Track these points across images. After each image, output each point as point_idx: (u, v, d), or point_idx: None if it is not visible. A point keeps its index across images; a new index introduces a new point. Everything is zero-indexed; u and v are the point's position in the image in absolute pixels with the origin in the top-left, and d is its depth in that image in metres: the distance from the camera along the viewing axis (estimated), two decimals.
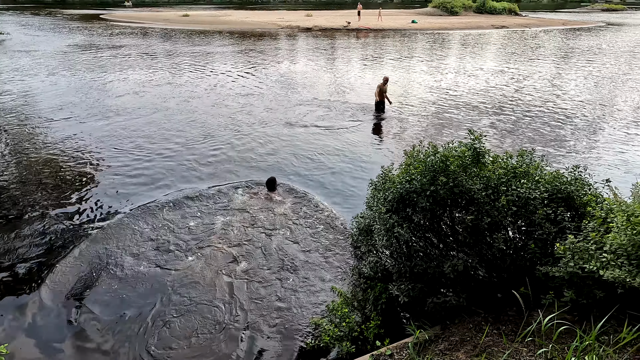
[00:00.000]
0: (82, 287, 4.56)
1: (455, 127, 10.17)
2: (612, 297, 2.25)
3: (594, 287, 2.31)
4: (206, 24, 35.61)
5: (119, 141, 9.07)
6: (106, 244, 5.37)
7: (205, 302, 4.49)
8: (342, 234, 5.20)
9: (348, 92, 13.72)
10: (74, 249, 5.22)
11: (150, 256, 5.12)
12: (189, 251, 5.27)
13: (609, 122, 10.66)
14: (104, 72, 16.36)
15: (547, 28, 35.04)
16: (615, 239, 2.24)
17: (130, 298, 4.40)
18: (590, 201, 2.85)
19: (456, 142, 3.03)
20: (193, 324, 4.15)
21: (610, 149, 8.81)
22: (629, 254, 2.16)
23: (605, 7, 61.94)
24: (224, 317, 4.28)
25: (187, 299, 4.47)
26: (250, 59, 19.89)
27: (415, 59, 20.14)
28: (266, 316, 4.32)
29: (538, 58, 20.53)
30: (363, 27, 33.20)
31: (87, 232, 5.59)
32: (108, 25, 35.80)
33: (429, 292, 3.08)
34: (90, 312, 4.19)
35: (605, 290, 2.27)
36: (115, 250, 5.25)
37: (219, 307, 4.43)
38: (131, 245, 5.36)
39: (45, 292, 4.46)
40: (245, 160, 8.18)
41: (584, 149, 8.81)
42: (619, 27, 36.42)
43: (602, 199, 2.93)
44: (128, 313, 4.17)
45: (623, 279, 2.04)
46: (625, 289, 2.09)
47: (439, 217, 3.04)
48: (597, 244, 2.36)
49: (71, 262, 4.99)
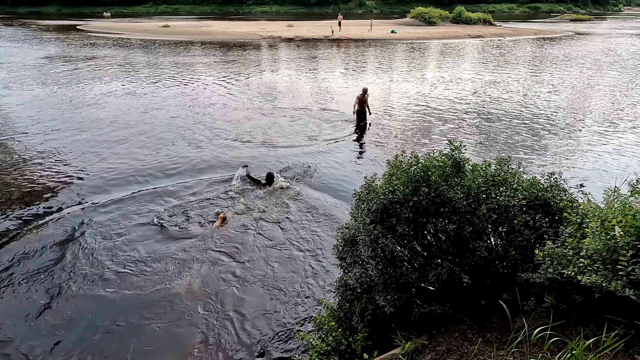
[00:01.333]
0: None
1: (436, 134, 10.39)
2: (591, 301, 2.31)
3: (572, 292, 2.37)
4: (187, 35, 35.45)
5: (92, 155, 8.85)
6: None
7: (187, 311, 4.38)
8: (325, 243, 5.19)
9: (330, 101, 13.85)
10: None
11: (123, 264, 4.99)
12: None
13: (581, 127, 11.12)
14: (78, 85, 16.01)
15: (520, 37, 36.50)
16: (590, 244, 2.30)
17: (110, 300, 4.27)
18: (567, 207, 2.94)
19: (437, 152, 3.08)
20: (177, 332, 4.04)
21: (584, 153, 9.17)
22: (604, 258, 2.22)
23: (573, 18, 65.17)
24: (205, 330, 4.18)
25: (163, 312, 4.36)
26: (231, 69, 19.85)
27: (395, 68, 20.56)
28: (251, 332, 4.24)
29: (513, 66, 21.31)
30: (344, 37, 33.73)
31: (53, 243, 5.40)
32: (85, 36, 35.16)
33: (415, 302, 3.08)
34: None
35: (583, 294, 2.33)
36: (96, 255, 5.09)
37: (198, 315, 4.33)
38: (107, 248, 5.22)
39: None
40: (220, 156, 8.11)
41: (559, 153, 9.13)
42: (586, 36, 38.29)
43: (577, 204, 3.03)
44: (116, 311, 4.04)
45: (599, 284, 2.10)
46: (602, 294, 2.15)
47: (423, 227, 3.07)
48: (575, 250, 2.42)
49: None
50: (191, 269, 5.08)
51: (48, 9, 79.19)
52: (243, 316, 4.39)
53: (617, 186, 2.94)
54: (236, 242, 5.70)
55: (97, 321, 4.24)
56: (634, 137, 10.09)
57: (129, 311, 4.40)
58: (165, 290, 4.72)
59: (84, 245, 5.49)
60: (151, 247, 5.50)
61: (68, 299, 4.52)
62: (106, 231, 5.84)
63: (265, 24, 44.26)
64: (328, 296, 4.24)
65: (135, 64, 20.83)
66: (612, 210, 2.50)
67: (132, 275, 4.93)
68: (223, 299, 4.61)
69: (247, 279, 4.94)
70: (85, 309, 4.40)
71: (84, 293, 4.62)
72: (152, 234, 5.83)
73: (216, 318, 4.33)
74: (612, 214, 2.42)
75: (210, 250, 5.48)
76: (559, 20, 61.71)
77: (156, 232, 5.86)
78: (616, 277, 2.12)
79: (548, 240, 2.63)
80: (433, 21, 44.16)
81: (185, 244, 5.62)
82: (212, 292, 4.69)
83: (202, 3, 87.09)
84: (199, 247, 5.57)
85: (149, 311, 4.39)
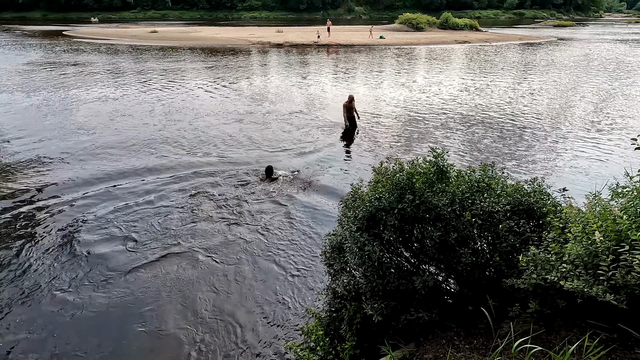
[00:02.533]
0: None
1: (425, 139, 10.48)
2: (574, 306, 2.32)
3: (556, 297, 2.38)
4: (175, 40, 35.27)
5: (77, 163, 8.69)
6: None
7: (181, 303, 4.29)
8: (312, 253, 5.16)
9: (319, 107, 13.89)
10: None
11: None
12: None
13: (565, 131, 11.34)
14: (63, 90, 15.75)
15: (505, 43, 37.26)
16: (572, 249, 2.32)
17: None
18: (550, 211, 2.97)
19: (421, 159, 3.10)
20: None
21: (567, 157, 9.34)
22: (585, 263, 2.24)
23: (556, 24, 66.88)
24: (186, 339, 4.10)
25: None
26: (220, 74, 19.78)
27: (384, 74, 20.75)
28: (236, 342, 4.17)
29: (499, 71, 21.70)
30: (333, 43, 33.97)
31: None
32: (71, 42, 34.70)
33: (402, 309, 3.07)
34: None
35: (567, 299, 2.35)
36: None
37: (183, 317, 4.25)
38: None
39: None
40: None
41: (543, 157, 9.29)
42: (569, 41, 39.29)
43: (560, 209, 3.06)
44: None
45: (582, 289, 2.11)
46: (584, 299, 2.16)
47: (409, 234, 3.07)
48: (558, 255, 2.44)
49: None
50: (168, 278, 4.99)
51: (33, 14, 78.01)
52: (228, 326, 4.32)
53: (599, 190, 2.98)
54: (220, 248, 5.64)
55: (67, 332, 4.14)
56: (614, 141, 10.33)
57: (110, 322, 4.29)
58: (147, 297, 4.62)
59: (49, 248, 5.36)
60: (123, 258, 5.40)
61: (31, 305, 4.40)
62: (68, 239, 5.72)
63: (255, 30, 44.32)
64: (316, 304, 4.20)
65: (122, 70, 20.61)
66: (592, 215, 2.53)
67: (113, 282, 4.83)
68: (206, 307, 4.53)
69: (230, 287, 4.87)
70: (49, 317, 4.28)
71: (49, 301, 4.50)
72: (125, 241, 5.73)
73: (200, 327, 4.25)
74: (593, 219, 2.45)
75: (190, 255, 5.41)
76: (543, 26, 63.27)
77: (131, 239, 5.76)
78: (597, 282, 2.14)
79: (532, 245, 2.66)
80: (421, 27, 44.81)
81: (165, 251, 5.53)
82: (192, 300, 4.61)
83: (191, 8, 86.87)
84: (179, 252, 5.49)
85: (130, 319, 4.29)
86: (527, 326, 2.53)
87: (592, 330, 2.26)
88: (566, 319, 2.45)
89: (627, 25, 72.68)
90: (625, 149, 9.38)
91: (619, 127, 11.49)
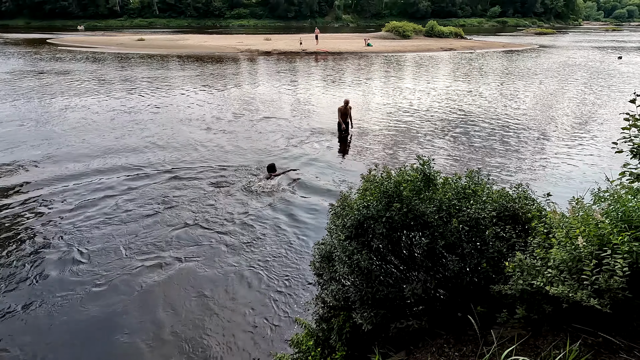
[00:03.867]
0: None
1: (413, 145, 10.60)
2: (560, 311, 2.35)
3: (542, 302, 2.41)
4: (163, 48, 35.08)
5: (60, 172, 8.50)
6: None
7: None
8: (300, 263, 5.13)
9: (309, 113, 13.94)
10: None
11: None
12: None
13: (548, 136, 11.61)
14: (45, 99, 15.47)
15: (489, 50, 38.13)
16: (557, 254, 2.35)
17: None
18: (535, 217, 3.01)
19: (408, 166, 3.12)
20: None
21: (551, 162, 9.54)
22: (570, 268, 2.27)
23: (537, 31, 68.89)
24: (172, 352, 4.02)
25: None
26: (208, 82, 19.71)
27: (373, 80, 20.98)
28: (223, 356, 4.10)
29: (484, 77, 22.16)
30: (321, 51, 34.25)
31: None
32: (56, 50, 34.19)
33: (392, 318, 3.06)
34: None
35: (553, 304, 2.37)
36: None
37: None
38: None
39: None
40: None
41: (528, 163, 9.47)
42: (550, 48, 40.44)
43: (545, 214, 3.11)
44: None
45: (566, 294, 2.14)
46: (570, 303, 2.19)
47: (397, 242, 3.07)
48: (543, 260, 2.47)
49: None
50: (153, 286, 4.89)
51: (16, 21, 76.78)
52: (216, 337, 4.24)
53: (581, 195, 3.04)
54: (205, 259, 5.55)
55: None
56: (597, 145, 10.60)
57: (91, 332, 4.17)
58: (132, 306, 4.51)
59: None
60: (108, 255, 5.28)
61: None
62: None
63: (243, 38, 44.41)
64: (306, 314, 4.16)
65: (108, 78, 20.36)
66: (575, 220, 2.58)
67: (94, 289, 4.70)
68: (192, 319, 4.44)
69: (218, 297, 4.79)
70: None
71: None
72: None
73: (185, 339, 4.16)
74: (576, 224, 2.49)
75: (174, 262, 5.32)
76: (525, 34, 65.08)
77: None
78: (582, 286, 2.16)
79: (518, 251, 2.69)
80: (407, 35, 45.59)
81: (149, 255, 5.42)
82: (179, 311, 4.52)
83: (179, 16, 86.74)
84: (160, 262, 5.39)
85: (115, 327, 4.18)
86: (515, 332, 2.55)
87: (579, 334, 2.29)
88: (553, 323, 2.47)
89: (605, 32, 75.39)
90: (607, 152, 9.63)
91: (601, 131, 11.81)
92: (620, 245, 2.16)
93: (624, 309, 2.25)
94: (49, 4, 78.16)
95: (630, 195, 2.67)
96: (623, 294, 2.09)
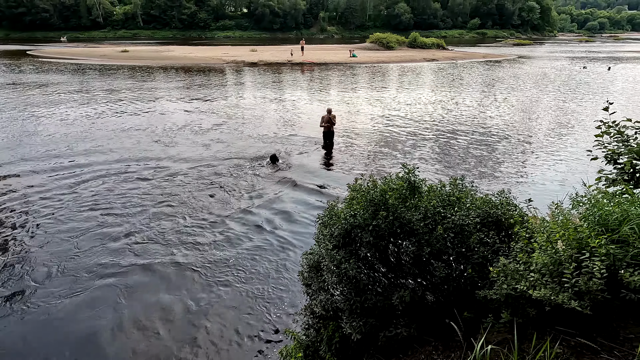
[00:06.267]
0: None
1: (400, 153, 10.74)
2: (544, 314, 2.40)
3: (526, 305, 2.45)
4: (147, 60, 34.81)
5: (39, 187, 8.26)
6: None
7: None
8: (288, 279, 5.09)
9: (295, 123, 13.99)
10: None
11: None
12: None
13: (529, 141, 11.95)
14: (21, 111, 15.09)
15: (471, 60, 39.23)
16: (538, 258, 2.41)
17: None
18: (517, 222, 3.09)
19: (394, 175, 3.16)
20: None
21: (532, 167, 9.81)
22: (551, 272, 2.33)
23: (515, 42, 71.40)
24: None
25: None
26: (194, 93, 19.62)
27: (358, 90, 21.26)
28: None
29: (466, 87, 22.74)
30: (307, 62, 34.59)
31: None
32: (36, 61, 33.52)
33: (381, 326, 3.07)
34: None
35: (537, 308, 2.42)
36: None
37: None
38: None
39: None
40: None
41: (509, 169, 9.71)
42: (528, 59, 41.88)
43: (527, 219, 3.19)
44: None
45: (549, 297, 2.19)
46: (552, 306, 2.24)
47: (384, 250, 3.10)
48: (526, 264, 2.53)
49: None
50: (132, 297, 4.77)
51: None
52: (202, 348, 4.14)
53: (560, 200, 3.14)
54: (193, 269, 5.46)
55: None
56: (575, 151, 10.97)
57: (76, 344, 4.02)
58: (112, 318, 4.37)
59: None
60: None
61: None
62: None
63: (229, 49, 44.52)
64: (295, 325, 4.11)
65: (90, 89, 20.05)
66: (555, 225, 2.66)
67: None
68: (178, 328, 4.34)
69: (204, 308, 4.70)
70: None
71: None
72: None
73: (172, 350, 4.05)
74: (556, 228, 2.56)
75: (158, 268, 5.21)
76: (504, 45, 67.33)
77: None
78: (563, 289, 2.22)
79: (502, 256, 2.74)
80: (391, 46, 46.56)
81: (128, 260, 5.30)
82: (163, 320, 4.41)
83: (163, 28, 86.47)
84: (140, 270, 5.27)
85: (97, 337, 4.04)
86: (502, 336, 2.59)
87: (561, 336, 2.34)
88: (537, 327, 2.52)
89: (579, 43, 78.78)
90: (586, 157, 9.95)
91: (580, 137, 12.23)
92: (598, 249, 2.23)
93: (604, 310, 2.31)
94: (29, 16, 76.89)
95: (606, 200, 2.77)
96: (602, 295, 2.15)
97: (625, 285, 2.16)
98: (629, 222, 2.46)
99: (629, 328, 2.30)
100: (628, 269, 2.18)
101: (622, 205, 2.57)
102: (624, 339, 2.24)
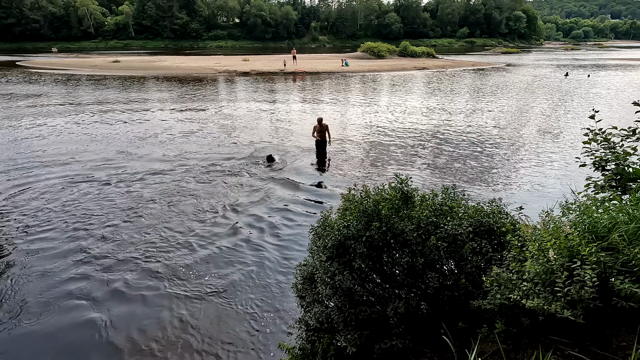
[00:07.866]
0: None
1: (393, 162, 10.79)
2: (538, 323, 2.40)
3: (520, 315, 2.45)
4: (139, 70, 34.75)
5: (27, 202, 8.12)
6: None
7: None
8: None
9: (288, 133, 14.01)
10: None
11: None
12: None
13: (519, 149, 12.11)
14: (10, 121, 14.88)
15: (460, 68, 39.89)
16: (531, 267, 2.42)
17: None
18: (509, 230, 3.11)
19: (386, 185, 3.17)
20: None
21: (523, 174, 9.91)
22: (544, 281, 2.34)
23: (503, 51, 72.93)
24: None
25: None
26: (186, 103, 19.58)
27: (350, 99, 21.41)
28: None
29: (456, 95, 23.06)
30: (299, 71, 34.84)
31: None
32: (25, 72, 33.23)
33: (376, 338, 3.04)
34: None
35: (530, 317, 2.42)
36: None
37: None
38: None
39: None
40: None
41: (501, 175, 9.80)
42: (516, 66, 42.73)
43: (519, 227, 3.21)
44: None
45: (542, 307, 2.19)
46: (545, 316, 2.24)
47: (378, 261, 3.08)
48: (519, 274, 2.53)
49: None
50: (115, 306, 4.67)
51: None
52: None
53: (551, 208, 3.17)
54: (181, 279, 5.38)
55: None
56: (565, 158, 11.14)
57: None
58: (98, 327, 4.27)
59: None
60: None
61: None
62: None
63: (221, 59, 44.67)
64: (289, 338, 4.06)
65: (81, 100, 19.89)
66: (546, 233, 2.68)
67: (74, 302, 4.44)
68: (168, 340, 4.25)
69: (196, 322, 4.62)
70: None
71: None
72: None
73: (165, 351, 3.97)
74: (547, 237, 2.58)
75: (148, 282, 5.12)
76: (492, 53, 68.73)
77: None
78: (555, 298, 2.23)
79: (495, 265, 2.75)
80: (382, 54, 47.19)
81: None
82: (151, 335, 4.32)
83: (155, 38, 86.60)
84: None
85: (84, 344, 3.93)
86: (496, 346, 2.58)
87: (555, 346, 2.34)
88: (532, 336, 2.52)
89: (564, 51, 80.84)
90: (575, 164, 10.12)
91: (569, 144, 12.44)
92: (589, 257, 2.25)
93: (597, 319, 2.32)
94: (19, 26, 76.46)
95: (594, 207, 2.80)
96: (594, 303, 2.16)
97: (617, 292, 2.18)
98: (617, 229, 2.48)
99: (621, 336, 2.31)
100: (618, 276, 2.19)
101: (610, 212, 2.60)
102: (617, 347, 2.25)
